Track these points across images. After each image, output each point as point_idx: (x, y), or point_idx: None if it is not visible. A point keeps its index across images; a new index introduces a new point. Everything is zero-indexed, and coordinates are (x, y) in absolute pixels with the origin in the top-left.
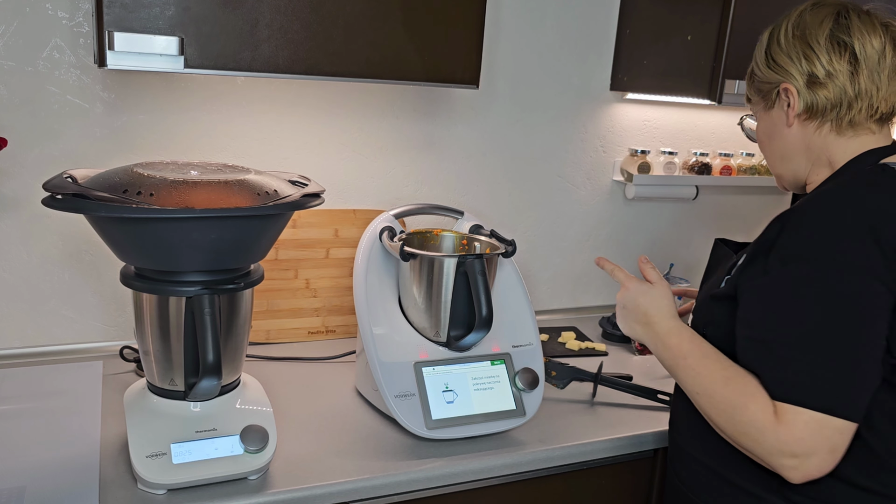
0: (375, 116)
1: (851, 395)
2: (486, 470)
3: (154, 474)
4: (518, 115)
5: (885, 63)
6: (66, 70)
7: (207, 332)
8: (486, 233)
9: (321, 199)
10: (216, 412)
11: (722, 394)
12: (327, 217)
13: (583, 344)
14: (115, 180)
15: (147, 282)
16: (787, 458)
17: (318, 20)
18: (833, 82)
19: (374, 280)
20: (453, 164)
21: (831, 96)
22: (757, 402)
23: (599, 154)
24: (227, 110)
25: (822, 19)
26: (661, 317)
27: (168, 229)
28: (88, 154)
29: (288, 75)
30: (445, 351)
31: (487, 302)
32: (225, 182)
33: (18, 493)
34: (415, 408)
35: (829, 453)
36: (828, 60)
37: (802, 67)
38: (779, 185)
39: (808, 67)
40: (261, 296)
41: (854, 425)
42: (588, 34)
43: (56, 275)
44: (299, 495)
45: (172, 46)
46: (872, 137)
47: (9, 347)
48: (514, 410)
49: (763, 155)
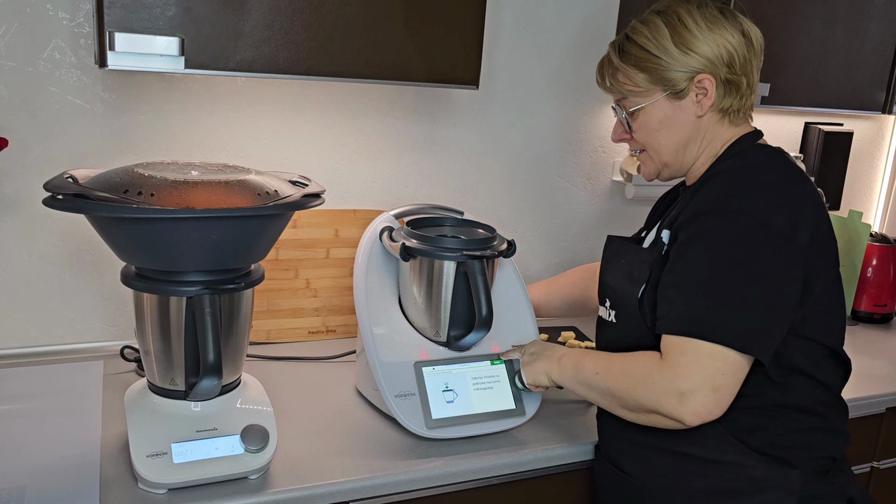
0: (375, 117)
1: (741, 330)
2: (486, 470)
3: (154, 474)
4: (518, 115)
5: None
6: (67, 70)
7: (208, 331)
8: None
9: (321, 199)
10: (217, 412)
11: (619, 360)
12: (327, 217)
13: (582, 343)
14: (116, 180)
15: (148, 282)
16: (674, 397)
17: (318, 21)
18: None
19: (374, 280)
20: (453, 164)
21: (742, 88)
22: (647, 356)
23: (599, 154)
24: (227, 111)
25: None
26: (559, 348)
27: (168, 229)
28: (89, 154)
29: (288, 76)
30: (445, 351)
31: (487, 302)
32: (225, 182)
33: (19, 493)
34: (415, 407)
35: (713, 390)
36: (742, 52)
37: (723, 57)
38: (649, 175)
39: (728, 57)
40: (261, 296)
41: (743, 363)
42: (588, 34)
43: (56, 275)
44: (299, 495)
45: (173, 47)
46: (748, 125)
47: (9, 347)
48: (514, 410)
49: (645, 143)
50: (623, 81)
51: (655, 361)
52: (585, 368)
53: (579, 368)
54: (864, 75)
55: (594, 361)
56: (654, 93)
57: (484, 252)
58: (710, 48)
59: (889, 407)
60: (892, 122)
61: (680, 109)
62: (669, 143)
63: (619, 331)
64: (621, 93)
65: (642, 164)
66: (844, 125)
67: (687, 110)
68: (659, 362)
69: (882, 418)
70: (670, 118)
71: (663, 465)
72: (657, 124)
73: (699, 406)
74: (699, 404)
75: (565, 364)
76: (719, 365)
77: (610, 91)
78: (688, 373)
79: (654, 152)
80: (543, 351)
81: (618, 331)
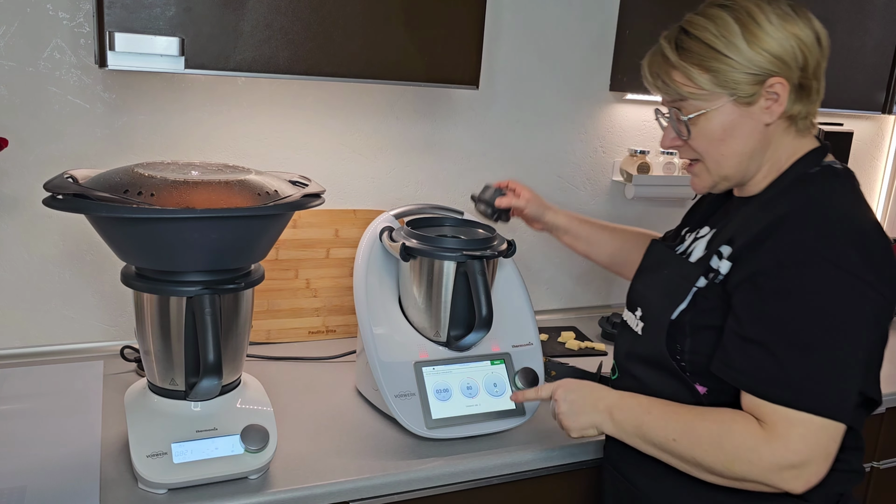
0: (375, 117)
1: (845, 398)
2: (486, 470)
3: (155, 474)
4: (518, 115)
5: None
6: (67, 70)
7: (208, 331)
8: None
9: (321, 199)
10: (217, 412)
11: (702, 427)
12: (327, 217)
13: (582, 344)
14: (116, 180)
15: (148, 282)
16: (786, 472)
17: (318, 20)
18: (815, 76)
19: (374, 280)
20: (453, 164)
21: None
22: (740, 423)
23: (599, 154)
24: (227, 111)
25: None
26: (607, 390)
27: (168, 229)
28: (89, 154)
29: (288, 76)
30: (445, 351)
31: (487, 302)
32: (225, 182)
33: (19, 493)
34: (415, 407)
35: (825, 459)
36: (815, 53)
37: (798, 59)
38: (703, 188)
39: (801, 58)
40: (261, 296)
41: (843, 429)
42: (588, 34)
43: (56, 275)
44: (299, 495)
45: (173, 47)
46: (812, 139)
47: (9, 347)
48: (514, 410)
49: (704, 154)
50: (681, 82)
51: (756, 432)
52: (654, 431)
53: (644, 429)
54: (864, 75)
55: (663, 421)
56: (717, 97)
57: (484, 252)
58: (783, 48)
59: (889, 407)
60: (892, 122)
61: (747, 116)
62: (733, 154)
63: (644, 345)
64: (678, 94)
65: (694, 176)
66: (844, 125)
67: (754, 117)
68: (763, 434)
69: (882, 418)
70: (736, 126)
71: (675, 485)
72: (720, 132)
73: (812, 476)
74: (812, 474)
75: (621, 419)
76: (832, 433)
77: (662, 91)
78: (802, 447)
79: (713, 163)
80: (585, 399)
81: (643, 345)
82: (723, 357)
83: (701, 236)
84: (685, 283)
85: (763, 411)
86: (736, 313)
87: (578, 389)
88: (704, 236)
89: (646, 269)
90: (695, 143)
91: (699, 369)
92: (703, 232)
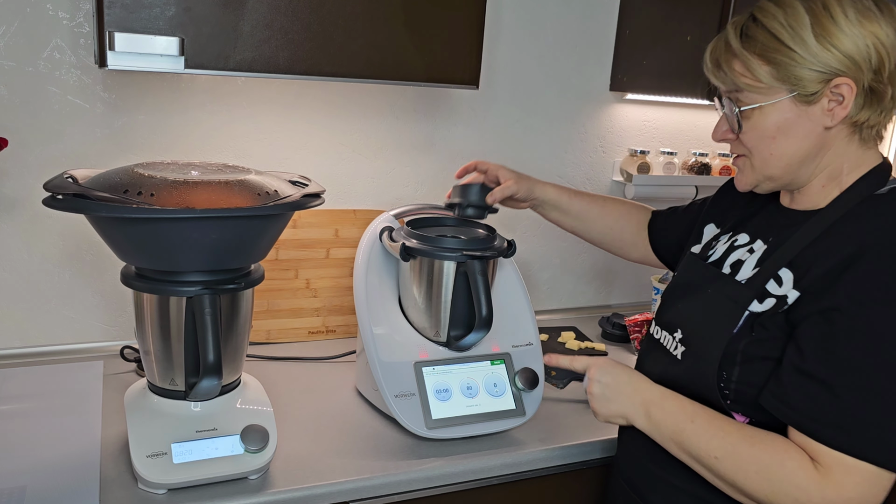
0: (375, 117)
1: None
2: (485, 470)
3: (154, 474)
4: (518, 115)
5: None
6: (67, 70)
7: (208, 331)
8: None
9: (321, 199)
10: (217, 412)
11: (750, 453)
12: (327, 217)
13: (582, 344)
14: (116, 180)
15: (147, 282)
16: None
17: (318, 20)
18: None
19: (374, 280)
20: (453, 164)
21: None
22: (793, 459)
23: (599, 154)
24: (227, 111)
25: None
26: (648, 382)
27: (168, 229)
28: (89, 154)
29: (288, 76)
30: (445, 351)
31: (487, 302)
32: (225, 182)
33: (19, 493)
34: (415, 407)
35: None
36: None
37: (871, 60)
38: (745, 186)
39: (877, 60)
40: (261, 296)
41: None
42: (588, 34)
43: (56, 275)
44: (299, 495)
45: (173, 47)
46: (877, 152)
47: (9, 347)
48: (514, 410)
49: (753, 149)
50: (740, 72)
51: (810, 473)
52: (695, 442)
53: (683, 437)
54: None
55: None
56: (777, 92)
57: (484, 252)
58: (856, 47)
59: None
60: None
61: (805, 116)
62: (783, 155)
63: (685, 371)
64: (736, 85)
65: (739, 170)
66: None
67: (814, 118)
68: (816, 476)
69: None
70: (791, 125)
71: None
72: (773, 129)
73: None
74: None
75: (659, 420)
76: (886, 483)
77: (721, 80)
78: (855, 495)
79: (760, 161)
80: (621, 387)
81: (683, 370)
82: (776, 391)
83: (740, 245)
84: (736, 308)
85: (816, 451)
86: (800, 346)
87: (615, 373)
88: (744, 246)
89: (684, 285)
90: (745, 137)
91: (744, 399)
92: (741, 240)
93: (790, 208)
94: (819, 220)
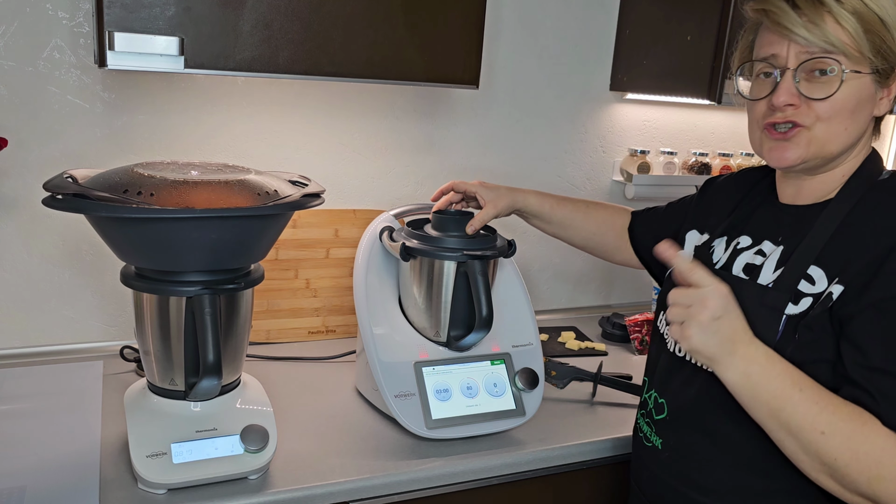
0: (375, 116)
1: None
2: (486, 470)
3: (154, 474)
4: (518, 115)
5: None
6: (67, 70)
7: (208, 331)
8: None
9: (321, 199)
10: (216, 412)
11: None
12: (327, 217)
13: (582, 344)
14: (116, 180)
15: (147, 282)
16: None
17: (318, 20)
18: None
19: (374, 280)
20: (453, 164)
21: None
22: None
23: (599, 154)
24: (227, 110)
25: None
26: (744, 334)
27: (168, 229)
28: (89, 154)
29: (288, 75)
30: (445, 351)
31: (488, 302)
32: (225, 182)
33: (19, 493)
34: (415, 407)
35: None
36: None
37: None
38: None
39: None
40: (261, 296)
41: None
42: (588, 34)
43: (56, 275)
44: (299, 495)
45: (173, 46)
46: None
47: (9, 347)
48: (514, 410)
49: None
50: (835, 33)
51: None
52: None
53: (787, 403)
54: None
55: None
56: (865, 64)
57: (484, 252)
58: None
59: None
60: (892, 123)
61: (872, 100)
62: (850, 134)
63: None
64: (833, 46)
65: (792, 144)
66: None
67: (873, 103)
68: None
69: None
70: (864, 104)
71: None
72: (853, 104)
73: None
74: None
75: (758, 381)
76: None
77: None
78: None
79: (827, 134)
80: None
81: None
82: (849, 394)
83: (743, 248)
84: (773, 314)
85: None
86: (859, 344)
87: (734, 314)
88: (749, 248)
89: None
90: (826, 105)
91: None
92: (743, 243)
93: (792, 205)
94: (833, 211)
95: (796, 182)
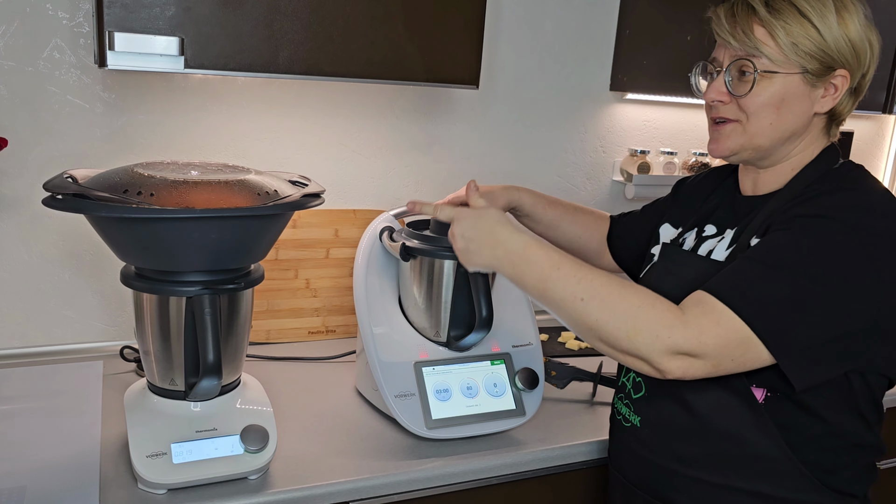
0: (375, 116)
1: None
2: (485, 470)
3: (154, 474)
4: (518, 115)
5: None
6: (67, 70)
7: (208, 332)
8: None
9: (321, 199)
10: (216, 412)
11: (620, 294)
12: (327, 217)
13: (583, 344)
14: (116, 180)
15: (147, 282)
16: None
17: (318, 20)
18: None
19: (374, 280)
20: (453, 164)
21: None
22: (663, 303)
23: (599, 154)
24: (227, 110)
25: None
26: (510, 232)
27: (168, 229)
28: (89, 154)
29: (288, 75)
30: (445, 351)
31: (488, 302)
32: (225, 182)
33: (19, 493)
34: (414, 407)
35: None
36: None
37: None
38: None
39: (868, 60)
40: (261, 296)
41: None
42: (588, 34)
43: (56, 275)
44: (299, 495)
45: (173, 47)
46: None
47: (9, 347)
48: (514, 410)
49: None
50: (761, 39)
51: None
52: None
53: (547, 283)
54: None
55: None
56: (790, 66)
57: None
58: (862, 45)
59: (889, 407)
60: (892, 122)
61: (805, 97)
62: (777, 128)
63: None
64: (756, 50)
65: (724, 136)
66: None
67: (809, 101)
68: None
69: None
70: (794, 101)
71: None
72: (777, 101)
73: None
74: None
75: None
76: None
77: (739, 42)
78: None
79: (754, 129)
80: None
81: None
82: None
83: (709, 236)
84: None
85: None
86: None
87: (479, 226)
88: (714, 236)
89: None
90: (748, 101)
91: None
92: (709, 231)
93: (752, 196)
94: (780, 197)
95: (753, 175)
